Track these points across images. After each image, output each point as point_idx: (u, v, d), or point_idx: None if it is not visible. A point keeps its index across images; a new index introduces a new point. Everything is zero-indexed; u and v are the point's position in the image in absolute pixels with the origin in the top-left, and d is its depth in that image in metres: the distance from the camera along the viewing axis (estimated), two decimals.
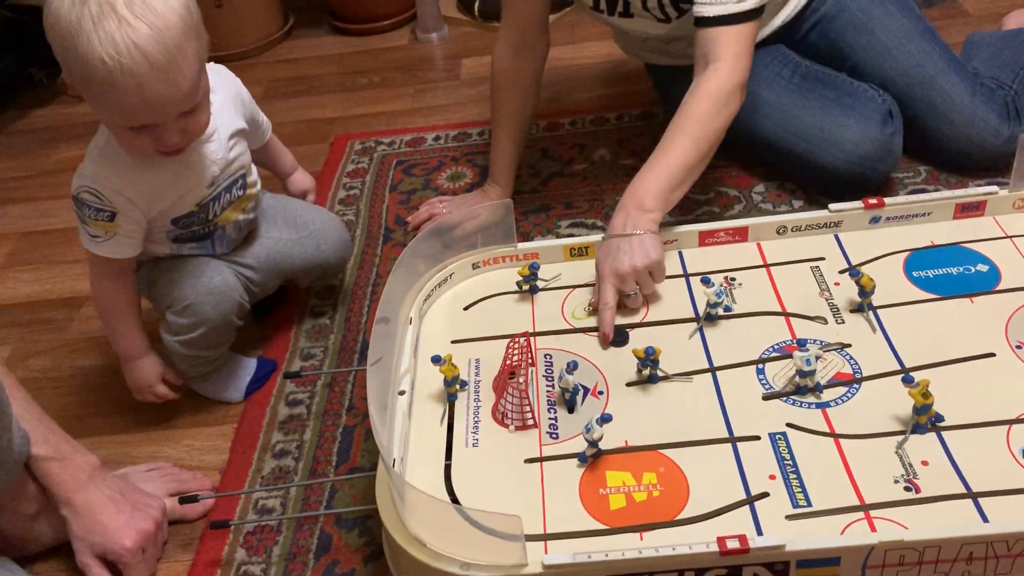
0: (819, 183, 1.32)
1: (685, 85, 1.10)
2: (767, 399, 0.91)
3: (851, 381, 0.91)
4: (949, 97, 1.29)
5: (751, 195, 1.38)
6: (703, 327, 1.00)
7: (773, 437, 0.86)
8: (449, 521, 0.76)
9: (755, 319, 1.00)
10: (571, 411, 0.93)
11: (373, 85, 1.92)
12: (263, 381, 1.19)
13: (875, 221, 1.10)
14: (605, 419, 0.85)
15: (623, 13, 1.27)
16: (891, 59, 1.31)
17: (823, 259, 1.07)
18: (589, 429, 0.84)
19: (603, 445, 0.86)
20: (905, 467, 0.82)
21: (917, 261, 1.05)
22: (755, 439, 0.87)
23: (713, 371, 0.95)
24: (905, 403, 0.85)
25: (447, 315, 1.08)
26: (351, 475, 1.03)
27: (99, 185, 0.99)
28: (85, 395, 1.23)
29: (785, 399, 0.90)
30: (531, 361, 0.98)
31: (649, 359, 0.92)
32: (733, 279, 1.06)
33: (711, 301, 0.99)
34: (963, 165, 1.33)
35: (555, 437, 0.90)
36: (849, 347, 0.95)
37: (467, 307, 1.08)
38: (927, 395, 0.83)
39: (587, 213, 1.40)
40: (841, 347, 0.95)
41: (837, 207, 1.09)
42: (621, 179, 1.46)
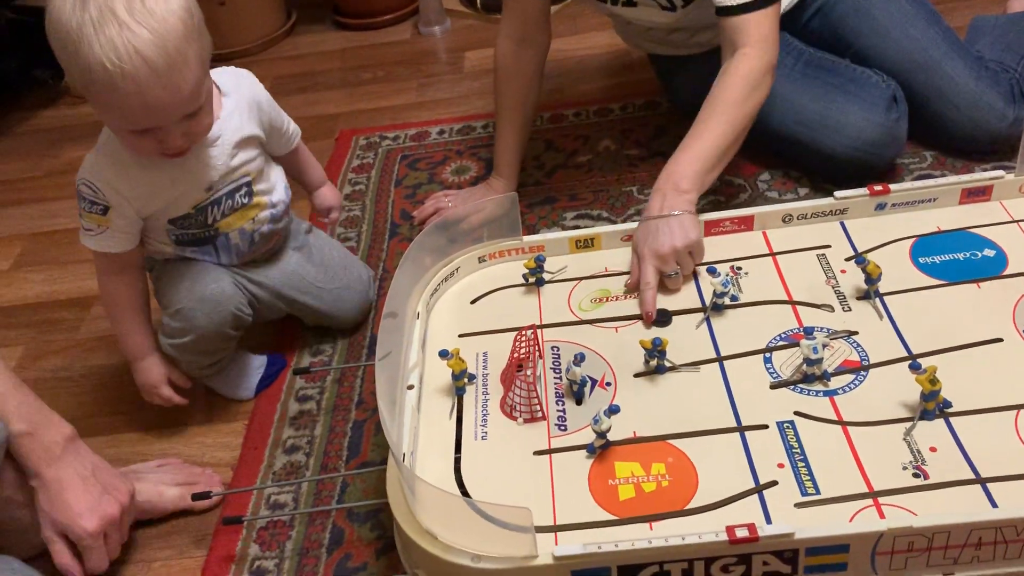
0: (824, 170, 1.32)
1: (687, 74, 1.10)
2: (775, 388, 0.91)
3: (858, 368, 0.91)
4: (953, 81, 1.28)
5: (756, 183, 1.37)
6: (710, 317, 1.00)
7: (781, 426, 0.87)
8: (460, 514, 0.76)
9: (762, 308, 1.01)
10: (579, 403, 0.93)
11: (377, 80, 1.92)
12: (273, 378, 1.20)
13: (881, 208, 1.10)
14: (613, 410, 0.85)
15: (627, 2, 1.27)
16: (894, 44, 1.30)
17: (829, 247, 1.07)
18: (597, 420, 0.84)
19: (611, 436, 0.86)
20: (913, 453, 0.82)
21: (923, 247, 1.05)
22: (763, 428, 0.87)
23: (720, 360, 0.95)
24: (913, 389, 0.85)
25: (454, 309, 1.08)
26: (362, 469, 1.04)
27: (95, 179, 1.00)
28: (98, 394, 1.24)
29: (793, 387, 0.91)
30: (539, 354, 0.98)
31: (656, 349, 0.93)
32: (739, 268, 1.06)
33: (717, 291, 0.99)
34: (969, 149, 1.33)
35: (563, 429, 0.90)
36: (856, 334, 0.95)
37: (474, 301, 1.09)
38: (935, 381, 0.83)
39: (592, 204, 1.40)
40: (848, 334, 0.95)
41: (843, 194, 1.09)
42: (626, 169, 1.46)
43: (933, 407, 0.84)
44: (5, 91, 2.06)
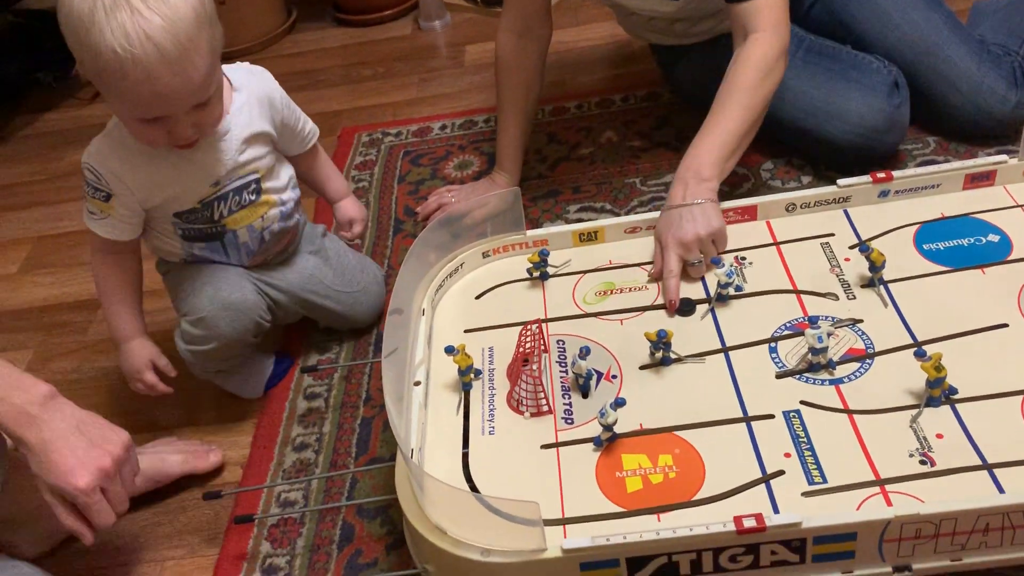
0: (827, 157, 1.32)
1: (689, 64, 1.10)
2: (780, 377, 0.91)
3: (864, 356, 0.91)
4: (955, 65, 1.28)
5: (759, 173, 1.37)
6: (714, 307, 1.00)
7: (787, 415, 0.87)
8: (468, 508, 0.77)
9: (766, 298, 1.01)
10: (585, 396, 0.93)
11: (378, 76, 1.92)
12: (281, 376, 1.20)
13: (884, 195, 1.09)
14: (619, 403, 0.85)
15: None
16: (895, 29, 1.30)
17: (833, 235, 1.07)
18: (604, 413, 0.85)
19: (618, 429, 0.86)
20: (920, 441, 0.82)
21: (927, 233, 1.05)
22: (769, 418, 0.87)
23: (726, 351, 0.95)
24: (918, 377, 0.85)
25: (459, 304, 1.08)
26: (371, 466, 1.05)
27: (99, 165, 1.00)
28: (108, 396, 1.25)
29: (798, 377, 0.91)
30: (544, 347, 0.99)
31: (661, 341, 0.93)
32: (743, 258, 1.06)
33: (722, 281, 0.99)
34: (972, 134, 1.32)
35: (570, 422, 0.91)
36: (861, 322, 0.95)
37: (479, 296, 1.09)
38: (940, 368, 0.83)
39: (595, 197, 1.40)
40: (853, 323, 0.95)
41: (846, 182, 1.09)
42: (629, 160, 1.46)
43: (939, 394, 0.85)
44: (7, 94, 2.07)
